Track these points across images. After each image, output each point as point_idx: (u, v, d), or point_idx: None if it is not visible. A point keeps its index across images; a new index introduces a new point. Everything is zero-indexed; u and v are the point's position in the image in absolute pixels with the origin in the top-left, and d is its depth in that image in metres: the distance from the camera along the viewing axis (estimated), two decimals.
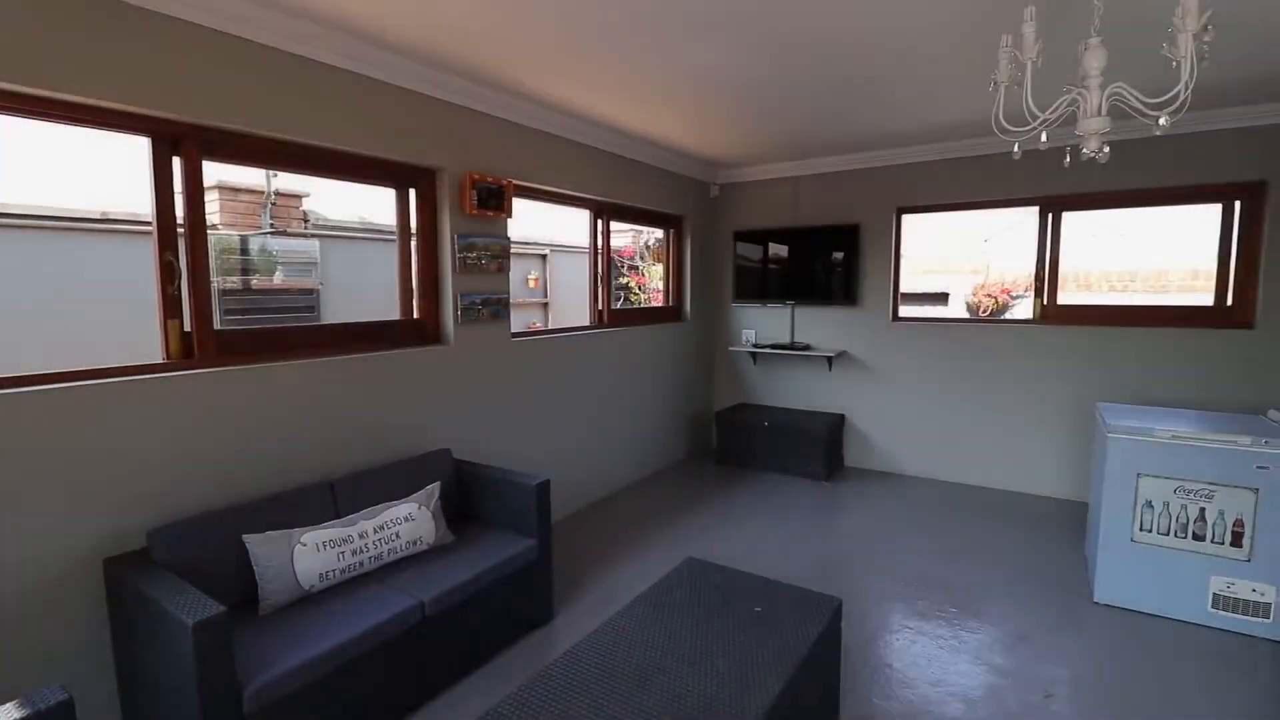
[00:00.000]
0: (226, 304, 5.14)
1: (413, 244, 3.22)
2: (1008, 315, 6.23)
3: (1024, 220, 4.51)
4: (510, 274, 3.58)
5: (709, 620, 2.00)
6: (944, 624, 2.80)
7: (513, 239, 3.58)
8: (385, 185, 3.12)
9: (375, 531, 2.39)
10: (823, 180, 5.07)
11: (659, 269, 6.09)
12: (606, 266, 4.53)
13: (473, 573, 2.38)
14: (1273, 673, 2.44)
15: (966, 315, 6.93)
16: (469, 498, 2.91)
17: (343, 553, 2.28)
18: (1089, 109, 1.90)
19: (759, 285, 5.37)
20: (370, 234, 6.15)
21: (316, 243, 5.80)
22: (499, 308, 3.47)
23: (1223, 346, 3.86)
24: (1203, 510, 2.73)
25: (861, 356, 5.05)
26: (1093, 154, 1.94)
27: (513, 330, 3.66)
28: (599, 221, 4.45)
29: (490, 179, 3.32)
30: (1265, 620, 2.65)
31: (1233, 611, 2.71)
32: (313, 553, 2.21)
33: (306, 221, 5.84)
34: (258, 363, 2.49)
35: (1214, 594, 2.74)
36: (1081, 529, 3.74)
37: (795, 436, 4.84)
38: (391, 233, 3.27)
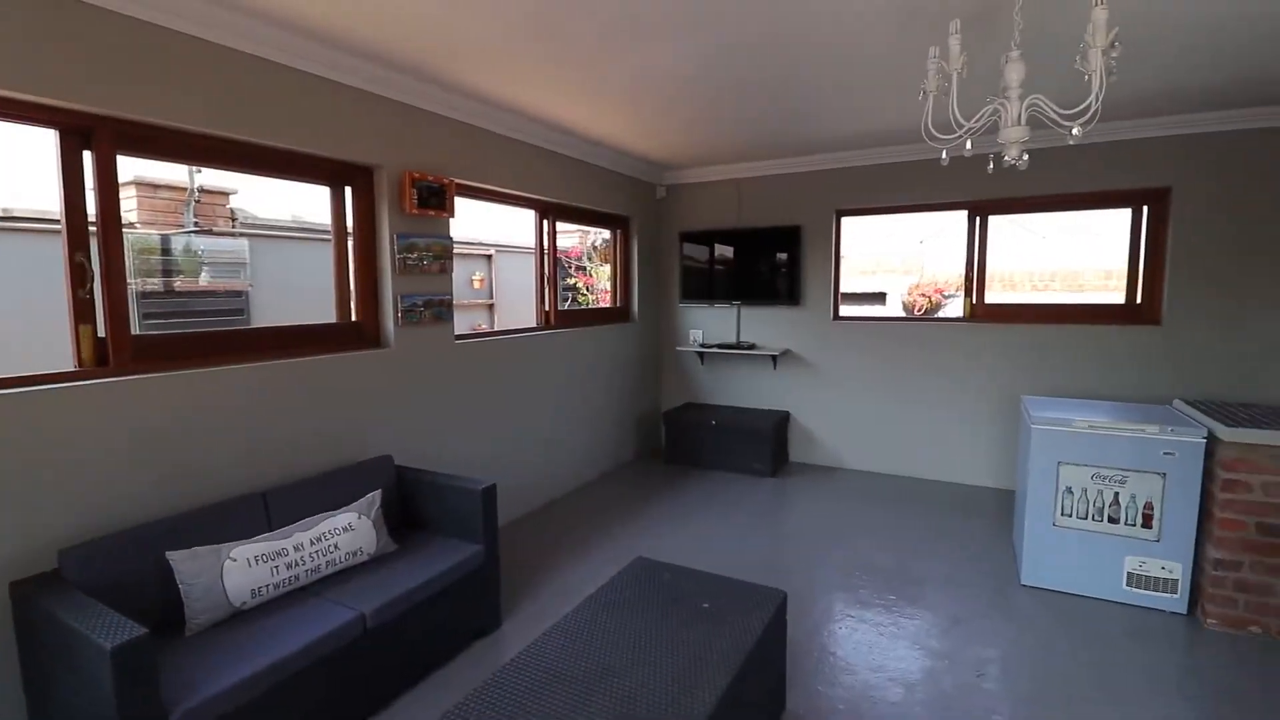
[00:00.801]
0: (146, 308, 4.84)
1: (350, 244, 3.11)
2: (940, 314, 6.51)
3: (955, 223, 4.73)
4: (454, 275, 3.51)
5: (658, 619, 2.02)
6: (884, 611, 2.91)
7: (456, 239, 3.51)
8: (319, 183, 3.01)
9: (312, 543, 2.30)
10: (765, 182, 5.17)
11: (606, 270, 6.09)
12: (553, 267, 4.50)
13: (416, 582, 2.32)
14: (1181, 644, 2.64)
15: (903, 314, 7.20)
16: (412, 505, 2.84)
17: (277, 566, 2.18)
18: (1009, 119, 2.00)
19: (706, 286, 5.44)
20: (304, 233, 5.91)
21: (245, 242, 5.53)
22: (442, 309, 3.39)
23: (1133, 342, 4.14)
24: (1117, 495, 2.92)
25: (805, 355, 5.19)
26: (1013, 161, 2.05)
27: (457, 332, 3.58)
28: (545, 222, 4.41)
29: (432, 178, 3.25)
30: (1173, 595, 2.86)
31: (1145, 589, 2.91)
32: (244, 568, 2.11)
33: (234, 220, 5.56)
34: (181, 369, 2.35)
35: (1128, 573, 2.93)
36: (1010, 516, 3.94)
37: (742, 434, 4.92)
38: (327, 232, 3.16)
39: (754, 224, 5.22)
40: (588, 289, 7.49)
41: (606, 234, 5.71)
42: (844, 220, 5.07)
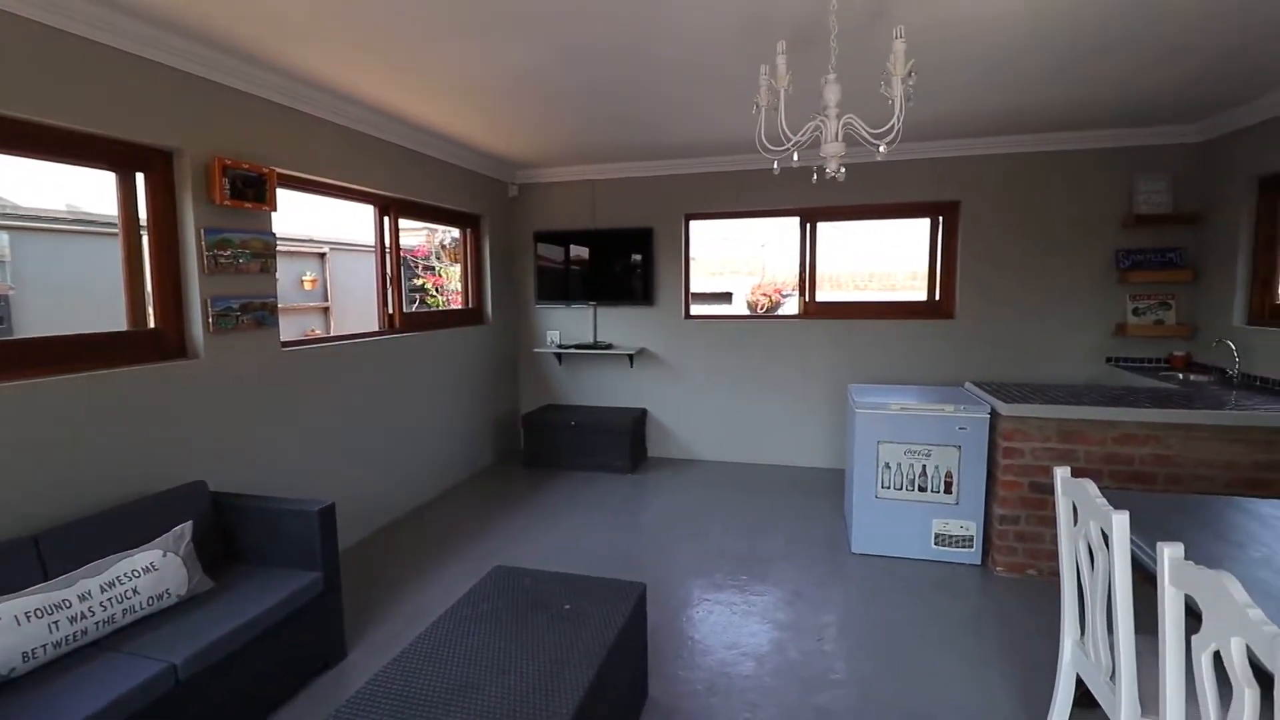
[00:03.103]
0: None
1: (144, 239, 2.69)
2: (780, 312, 7.04)
3: (790, 228, 5.14)
4: (279, 275, 3.16)
5: (518, 626, 1.97)
6: (736, 592, 3.08)
7: (281, 235, 3.17)
8: (101, 167, 2.56)
9: (103, 590, 1.96)
10: (619, 185, 5.27)
11: (457, 270, 5.84)
12: (396, 267, 4.23)
13: (239, 621, 2.06)
14: (977, 590, 3.08)
15: (747, 312, 7.69)
16: (233, 534, 2.52)
17: (57, 622, 1.83)
18: (829, 135, 2.20)
19: (562, 286, 5.42)
20: (84, 226, 5.01)
21: (4, 236, 4.58)
22: (264, 313, 3.05)
23: (934, 333, 4.78)
24: (924, 467, 3.35)
25: (659, 353, 5.36)
26: (833, 173, 2.26)
27: (284, 338, 3.24)
28: (386, 218, 4.13)
29: (248, 166, 2.91)
30: (970, 550, 3.34)
31: (949, 546, 3.36)
32: (10, 628, 1.75)
33: None
34: None
35: (935, 534, 3.37)
36: (842, 493, 4.37)
37: (601, 433, 4.97)
38: (113, 225, 2.70)
39: (608, 225, 5.29)
40: (437, 290, 7.14)
41: (456, 233, 5.48)
42: (693, 223, 5.31)
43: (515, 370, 5.69)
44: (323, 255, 6.08)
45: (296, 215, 5.74)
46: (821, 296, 5.12)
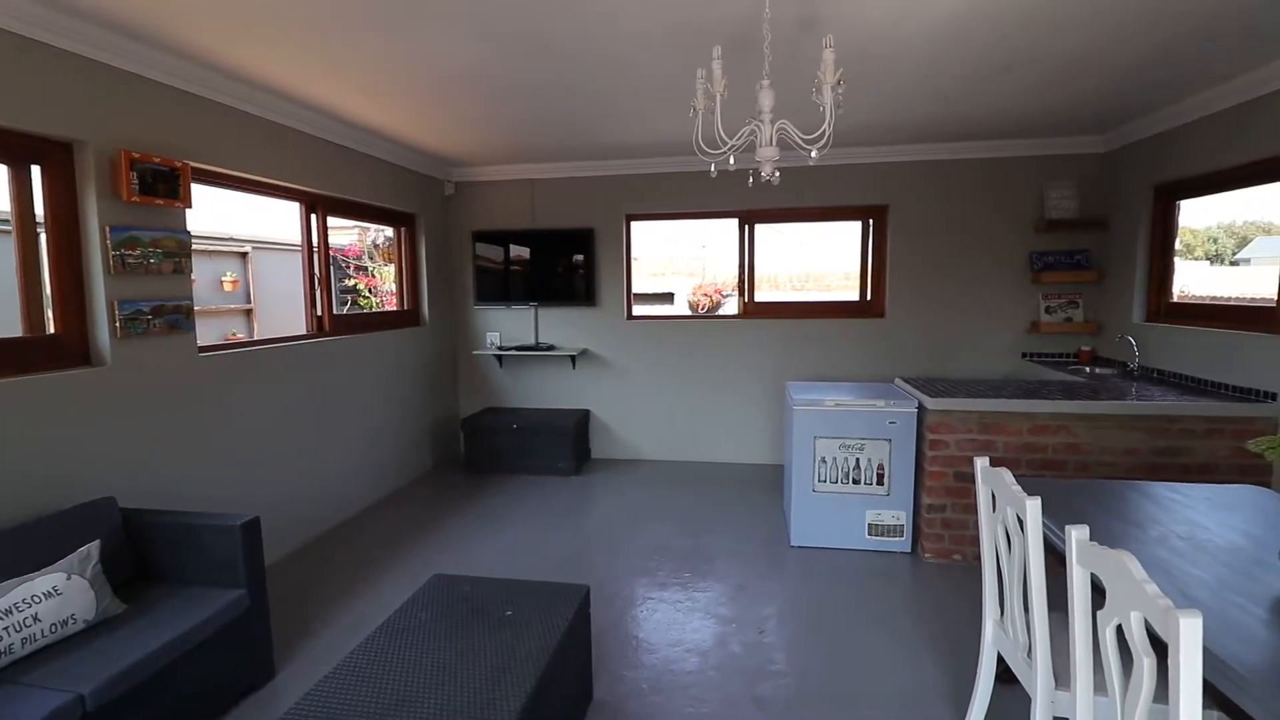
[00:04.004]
0: None
1: (42, 237, 2.48)
2: (721, 312, 7.16)
3: (729, 230, 5.22)
4: (195, 275, 2.98)
5: (458, 635, 1.93)
6: (680, 589, 3.11)
7: (197, 233, 2.99)
8: None
9: None
10: (559, 184, 5.22)
11: (391, 270, 5.66)
12: (326, 267, 4.06)
13: (154, 646, 1.93)
14: (908, 576, 3.22)
15: (689, 313, 7.79)
16: (148, 553, 2.36)
17: None
18: (763, 139, 2.25)
19: (502, 287, 5.33)
20: None
21: None
22: (179, 317, 2.86)
23: (866, 332, 4.96)
24: (858, 460, 3.47)
25: (602, 353, 5.35)
26: (768, 177, 2.32)
27: (202, 343, 3.06)
28: (314, 216, 3.96)
29: (159, 159, 2.73)
30: (901, 539, 3.49)
31: (881, 535, 3.50)
32: None
33: None
34: None
35: (869, 524, 3.50)
36: (781, 488, 4.48)
37: (543, 436, 4.92)
38: (6, 222, 2.48)
39: (549, 225, 5.25)
40: (371, 291, 6.89)
41: (389, 231, 5.30)
42: (634, 224, 5.32)
43: (454, 373, 5.56)
44: (245, 255, 5.76)
45: (216, 212, 5.43)
46: (760, 297, 5.23)
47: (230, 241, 5.52)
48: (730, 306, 5.80)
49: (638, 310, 5.46)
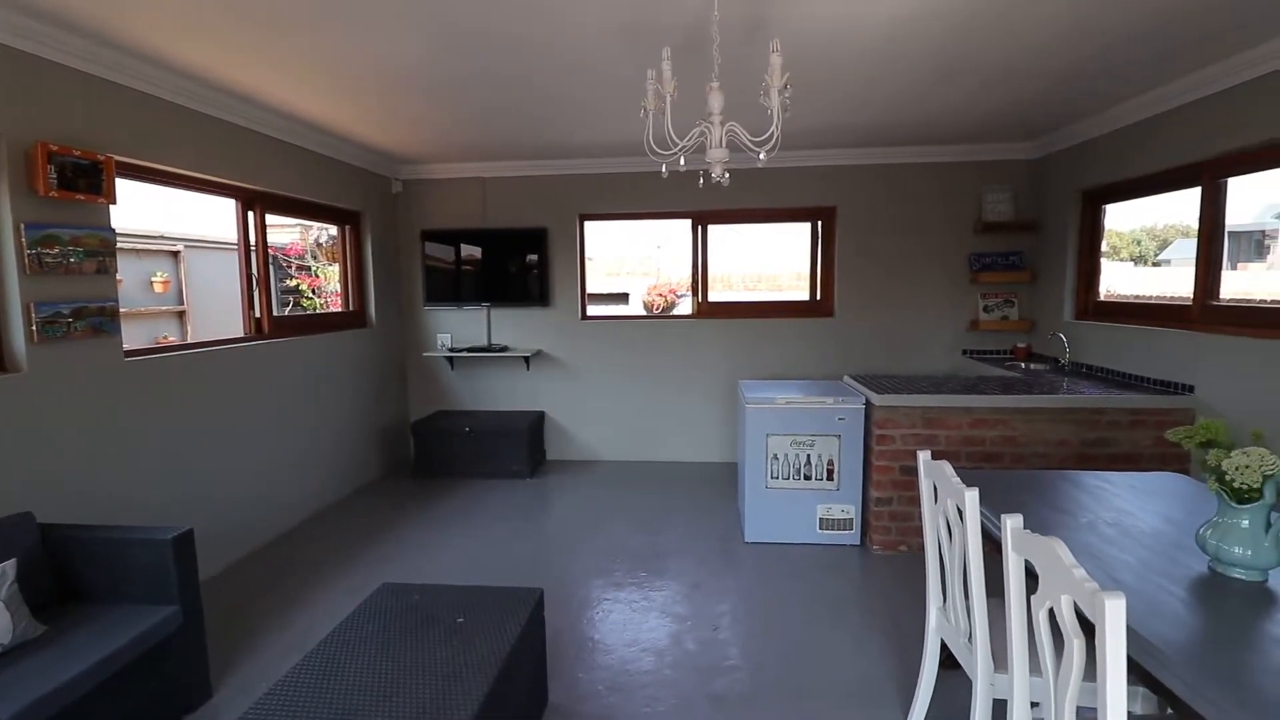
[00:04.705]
0: None
1: None
2: (675, 312, 7.20)
3: (683, 230, 5.26)
4: (121, 275, 2.82)
5: (408, 645, 1.87)
6: (635, 589, 3.12)
7: (124, 231, 2.83)
8: None
9: None
10: (511, 183, 5.16)
11: (335, 270, 5.48)
12: (265, 267, 3.90)
13: (77, 669, 1.81)
14: (857, 568, 3.31)
15: (644, 313, 7.80)
16: (71, 571, 2.21)
17: None
18: (713, 141, 2.27)
19: (453, 287, 5.22)
20: None
21: None
22: (103, 319, 2.70)
23: (816, 331, 5.07)
24: (809, 456, 3.54)
25: (556, 354, 5.31)
26: (718, 178, 2.34)
27: (129, 347, 2.89)
28: (251, 214, 3.79)
29: (80, 152, 2.56)
30: (850, 532, 3.57)
31: (832, 529, 3.58)
32: None
33: None
34: None
35: (820, 518, 3.58)
36: (735, 485, 4.53)
37: (497, 438, 4.85)
38: None
39: (501, 225, 5.17)
40: (314, 292, 6.65)
41: (333, 230, 5.13)
42: (588, 224, 5.30)
43: (404, 375, 5.42)
44: (177, 254, 5.47)
45: (145, 209, 5.13)
46: (714, 297, 5.28)
47: (161, 240, 5.22)
48: (685, 307, 5.84)
49: (592, 310, 5.44)
